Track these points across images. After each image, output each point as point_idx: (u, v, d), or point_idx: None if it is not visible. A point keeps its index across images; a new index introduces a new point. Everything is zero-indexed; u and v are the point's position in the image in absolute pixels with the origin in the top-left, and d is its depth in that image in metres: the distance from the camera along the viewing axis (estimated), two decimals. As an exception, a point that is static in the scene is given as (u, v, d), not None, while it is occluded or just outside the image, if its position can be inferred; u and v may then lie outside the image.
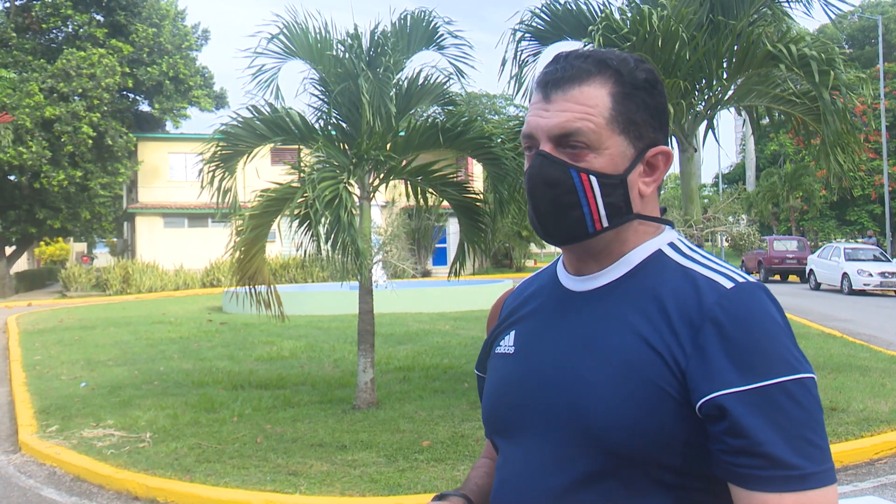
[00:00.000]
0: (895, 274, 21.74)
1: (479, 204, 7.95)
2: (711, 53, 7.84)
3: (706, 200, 35.97)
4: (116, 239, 40.49)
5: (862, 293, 21.81)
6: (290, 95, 26.97)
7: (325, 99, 7.62)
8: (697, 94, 8.44)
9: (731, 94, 8.63)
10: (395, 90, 7.57)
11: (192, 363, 10.28)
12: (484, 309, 14.67)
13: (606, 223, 1.14)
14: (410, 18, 7.59)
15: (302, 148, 7.93)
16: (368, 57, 7.41)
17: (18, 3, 28.96)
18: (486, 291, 18.03)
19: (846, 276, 22.14)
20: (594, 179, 1.12)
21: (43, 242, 38.81)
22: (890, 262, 23.01)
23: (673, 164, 1.24)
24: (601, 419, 1.07)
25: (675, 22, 7.46)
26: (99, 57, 26.72)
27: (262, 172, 9.25)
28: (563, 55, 1.17)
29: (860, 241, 33.69)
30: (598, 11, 8.36)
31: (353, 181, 7.12)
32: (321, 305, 16.71)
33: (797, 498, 0.99)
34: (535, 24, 8.70)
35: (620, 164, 1.14)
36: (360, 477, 5.31)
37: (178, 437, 6.49)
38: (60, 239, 40.47)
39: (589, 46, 7.66)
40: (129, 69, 28.75)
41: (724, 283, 1.09)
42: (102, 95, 26.49)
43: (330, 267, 7.22)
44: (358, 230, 6.74)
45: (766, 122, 9.97)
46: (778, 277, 28.46)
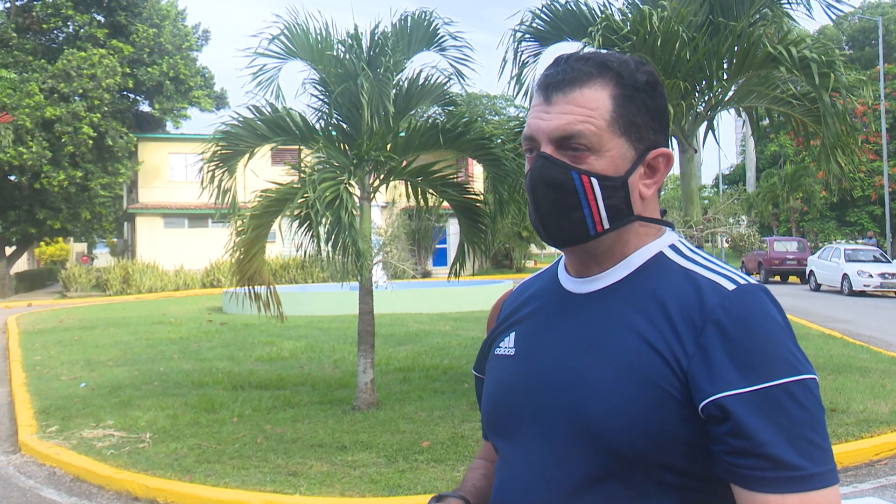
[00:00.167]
0: (895, 275, 21.75)
1: (479, 205, 7.95)
2: (711, 54, 7.84)
3: (706, 201, 35.98)
4: (116, 239, 40.50)
5: (862, 294, 21.82)
6: (290, 96, 27.03)
7: (325, 100, 7.62)
8: (697, 94, 8.43)
9: (731, 95, 8.63)
10: (395, 90, 7.57)
11: (192, 363, 10.28)
12: (484, 310, 14.67)
13: (607, 225, 1.14)
14: (411, 19, 7.59)
15: (302, 148, 7.93)
16: (368, 57, 7.42)
17: (19, 3, 28.97)
18: (486, 292, 18.03)
19: (846, 277, 22.15)
20: (595, 181, 1.13)
21: (43, 243, 38.82)
22: (890, 263, 23.01)
23: (673, 165, 1.24)
24: (603, 420, 1.07)
25: (675, 22, 7.46)
26: (99, 57, 26.74)
27: (262, 173, 9.23)
28: (563, 57, 1.17)
29: (860, 242, 33.70)
30: (598, 12, 8.36)
31: (353, 182, 7.12)
32: (321, 306, 16.71)
33: (800, 499, 1.00)
34: (535, 24, 8.70)
35: (621, 166, 1.14)
36: (359, 477, 5.31)
37: (177, 437, 6.49)
38: (60, 239, 40.49)
39: (589, 47, 7.67)
40: (129, 69, 28.76)
41: (725, 284, 1.09)
42: (103, 96, 26.50)
43: (330, 267, 7.22)
44: (358, 231, 6.74)
45: (766, 123, 9.97)
46: (778, 278, 28.47)
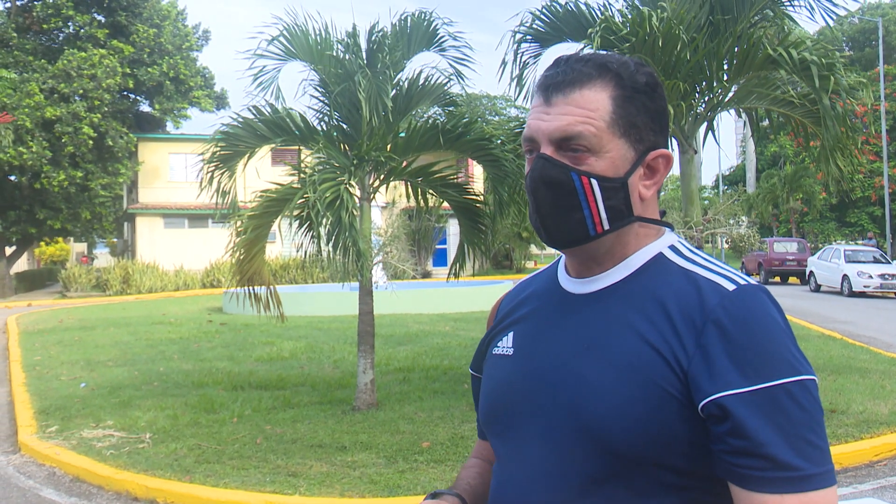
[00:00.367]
0: (895, 276, 21.75)
1: (479, 205, 7.96)
2: (712, 55, 7.84)
3: (706, 202, 36.01)
4: (117, 239, 40.51)
5: (862, 295, 21.82)
6: (290, 96, 27.04)
7: (325, 100, 7.62)
8: (697, 95, 8.43)
9: (731, 95, 8.63)
10: (395, 91, 7.58)
11: (191, 364, 10.28)
12: (484, 310, 14.68)
13: (607, 226, 1.15)
14: (410, 20, 7.60)
15: (302, 149, 7.93)
16: (366, 55, 7.43)
17: (19, 3, 28.98)
18: (486, 293, 18.05)
19: (846, 277, 22.15)
20: (595, 183, 1.13)
21: (43, 243, 38.83)
22: (890, 263, 23.02)
23: (673, 165, 1.24)
24: (604, 420, 1.08)
25: (674, 24, 7.46)
26: (100, 58, 26.75)
27: (262, 173, 9.26)
28: (563, 59, 1.17)
29: (860, 242, 33.70)
30: (598, 13, 8.36)
31: (353, 182, 7.12)
32: (321, 306, 16.71)
33: (798, 499, 1.00)
34: (535, 26, 8.70)
35: (621, 167, 1.14)
36: (359, 478, 5.31)
37: (177, 437, 6.49)
38: (60, 239, 40.51)
39: (588, 48, 7.67)
40: (129, 70, 28.78)
41: (725, 285, 1.10)
42: (103, 96, 26.52)
43: (331, 268, 7.23)
44: (359, 231, 6.75)
45: (766, 124, 9.97)
46: (778, 279, 28.48)
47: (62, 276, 29.09)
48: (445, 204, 8.19)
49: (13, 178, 27.90)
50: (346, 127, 7.66)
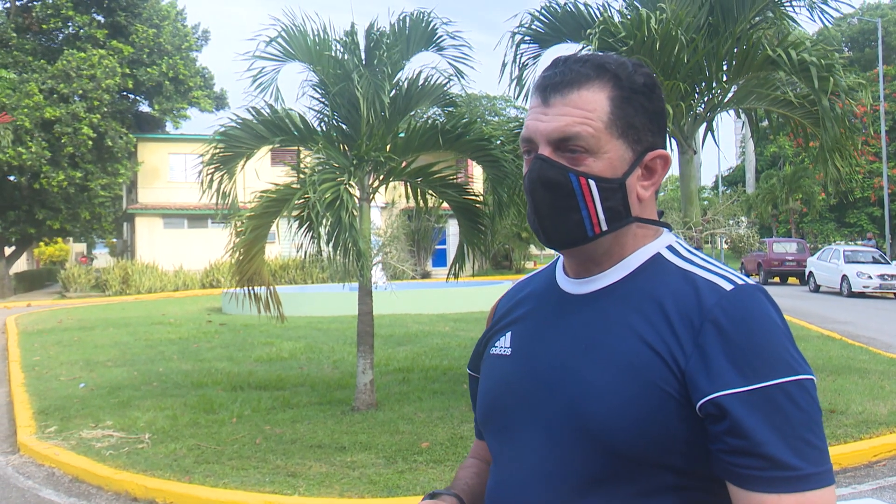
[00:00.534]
0: (894, 276, 21.76)
1: (478, 205, 7.96)
2: (711, 56, 7.85)
3: (706, 202, 36.01)
4: (116, 240, 40.47)
5: (861, 295, 21.82)
6: (289, 97, 27.04)
7: (324, 101, 7.63)
8: (697, 96, 8.44)
9: (730, 96, 8.64)
10: (395, 91, 7.58)
11: (191, 364, 10.28)
12: (483, 310, 14.67)
13: (605, 227, 1.15)
14: (409, 20, 7.60)
15: (301, 149, 7.93)
16: (365, 53, 7.43)
17: (19, 3, 28.98)
18: (485, 293, 18.04)
19: (845, 278, 22.16)
20: (593, 183, 1.13)
21: (42, 243, 38.81)
22: (889, 264, 23.03)
23: (673, 166, 1.25)
24: (603, 420, 1.08)
25: (673, 25, 7.46)
26: (99, 58, 26.75)
27: (261, 173, 9.25)
28: (561, 59, 1.17)
29: (859, 243, 33.70)
30: (597, 14, 8.36)
31: (353, 182, 7.12)
32: (320, 307, 16.71)
33: (796, 499, 1.00)
34: (534, 26, 8.70)
35: (619, 167, 1.14)
36: (358, 478, 5.31)
37: (177, 437, 6.49)
38: (60, 239, 40.50)
39: (587, 49, 7.67)
40: (129, 70, 28.78)
41: (723, 284, 1.10)
42: (102, 97, 26.51)
43: (330, 268, 7.23)
44: (359, 231, 6.75)
45: (765, 124, 9.98)
46: (777, 279, 28.49)
47: (61, 276, 29.08)
48: (445, 204, 8.20)
49: (12, 178, 27.91)
50: (345, 127, 7.66)
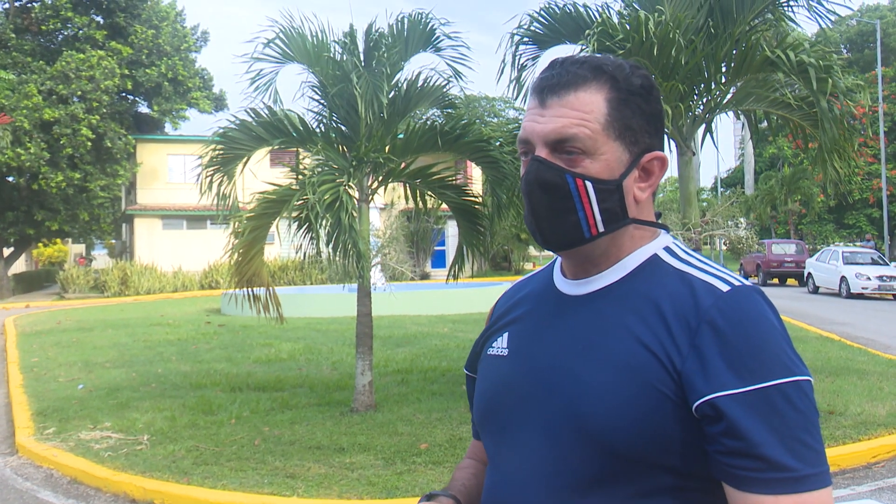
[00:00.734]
0: (893, 277, 21.77)
1: (477, 207, 7.96)
2: (710, 57, 7.85)
3: (705, 204, 36.00)
4: (115, 241, 40.47)
5: (860, 297, 21.83)
6: (288, 98, 27.05)
7: (323, 102, 7.63)
8: (696, 97, 8.44)
9: (729, 97, 8.64)
10: (394, 92, 7.58)
11: (190, 365, 10.28)
12: (482, 312, 14.67)
13: (602, 228, 1.15)
14: (407, 20, 7.60)
15: (300, 151, 7.94)
16: (364, 54, 7.44)
17: (18, 4, 28.97)
18: (484, 294, 18.05)
19: (844, 279, 22.17)
20: (590, 185, 1.13)
21: (41, 244, 38.81)
22: (888, 265, 23.05)
23: (671, 167, 1.25)
24: (600, 421, 1.08)
25: (672, 28, 7.46)
26: (98, 59, 26.75)
27: (261, 174, 9.25)
28: (559, 61, 1.18)
29: (858, 244, 33.73)
30: (596, 16, 8.36)
31: (352, 184, 7.13)
32: (319, 308, 16.71)
33: (793, 500, 1.00)
34: (533, 28, 8.71)
35: (616, 169, 1.14)
36: (357, 480, 5.31)
37: (175, 439, 6.48)
38: (58, 240, 40.50)
39: (585, 50, 7.67)
40: (128, 71, 28.78)
41: (720, 286, 1.10)
42: (101, 97, 26.51)
43: (330, 269, 7.23)
44: (359, 232, 6.75)
45: (764, 125, 9.98)
46: (776, 281, 28.49)
47: (60, 277, 29.07)
48: (444, 206, 8.20)
49: (11, 179, 27.90)
50: (344, 128, 7.67)
